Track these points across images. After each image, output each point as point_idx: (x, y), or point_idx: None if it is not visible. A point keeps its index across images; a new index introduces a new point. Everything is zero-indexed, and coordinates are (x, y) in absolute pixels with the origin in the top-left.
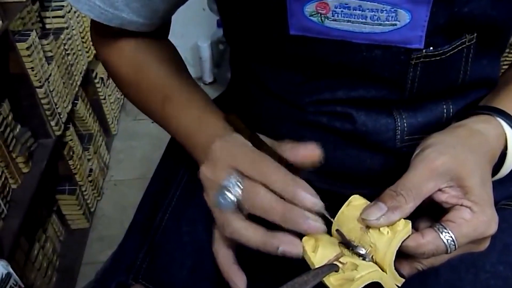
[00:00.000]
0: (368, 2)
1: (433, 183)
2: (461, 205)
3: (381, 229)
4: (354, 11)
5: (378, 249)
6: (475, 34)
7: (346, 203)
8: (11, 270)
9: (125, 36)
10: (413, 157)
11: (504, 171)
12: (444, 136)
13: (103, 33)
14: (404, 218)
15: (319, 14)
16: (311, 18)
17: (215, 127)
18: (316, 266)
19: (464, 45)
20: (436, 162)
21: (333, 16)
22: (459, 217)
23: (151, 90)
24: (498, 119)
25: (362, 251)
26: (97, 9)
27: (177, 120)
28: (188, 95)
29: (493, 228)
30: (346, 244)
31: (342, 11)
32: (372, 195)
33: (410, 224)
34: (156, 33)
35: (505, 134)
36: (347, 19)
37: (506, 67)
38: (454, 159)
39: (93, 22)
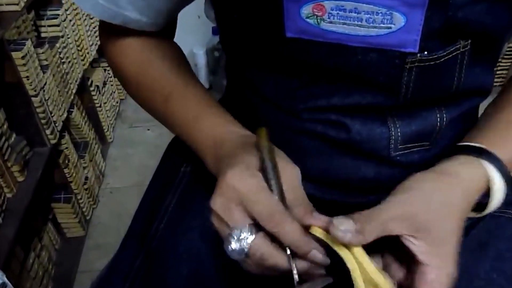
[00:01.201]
0: (364, 5)
1: (397, 225)
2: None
3: None
4: (350, 13)
5: None
6: (470, 41)
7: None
8: (6, 280)
9: (130, 35)
10: (390, 194)
11: (489, 210)
12: (423, 183)
13: (108, 33)
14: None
15: (315, 16)
16: (308, 20)
17: (212, 126)
18: None
19: (458, 51)
20: (405, 208)
21: (329, 18)
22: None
23: (153, 89)
24: (481, 161)
25: None
26: (100, 7)
27: (177, 117)
28: (188, 92)
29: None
30: None
31: (338, 13)
32: (365, 204)
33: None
34: (162, 33)
35: (488, 176)
36: (342, 21)
37: (498, 73)
38: (424, 212)
39: (101, 21)
